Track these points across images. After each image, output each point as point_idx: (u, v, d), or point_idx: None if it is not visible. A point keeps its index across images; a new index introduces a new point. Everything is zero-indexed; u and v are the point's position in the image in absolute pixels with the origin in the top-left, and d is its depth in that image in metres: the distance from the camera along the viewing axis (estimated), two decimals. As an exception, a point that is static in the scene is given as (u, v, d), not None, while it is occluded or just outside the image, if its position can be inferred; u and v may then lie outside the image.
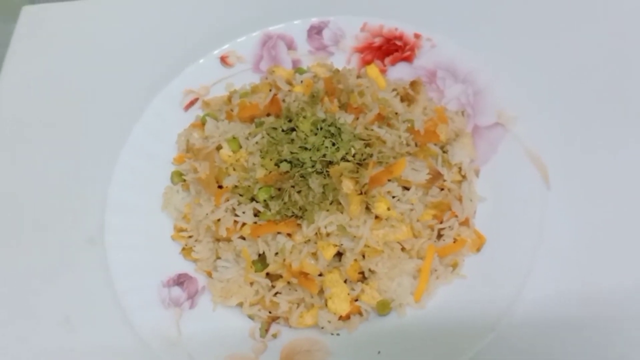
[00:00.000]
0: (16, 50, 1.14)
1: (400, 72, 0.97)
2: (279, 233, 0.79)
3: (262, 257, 0.80)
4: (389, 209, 0.78)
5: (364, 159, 0.80)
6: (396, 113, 0.87)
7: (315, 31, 1.01)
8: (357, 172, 0.79)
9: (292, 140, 0.83)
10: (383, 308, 0.78)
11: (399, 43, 0.98)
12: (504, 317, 0.74)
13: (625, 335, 0.74)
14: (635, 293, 0.76)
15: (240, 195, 0.82)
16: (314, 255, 0.79)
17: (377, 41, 0.99)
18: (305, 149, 0.81)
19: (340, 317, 0.78)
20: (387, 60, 0.99)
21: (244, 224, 0.81)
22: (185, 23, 1.12)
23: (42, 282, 0.88)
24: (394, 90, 0.91)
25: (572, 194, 0.83)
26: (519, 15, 1.02)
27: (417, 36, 0.97)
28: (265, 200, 0.80)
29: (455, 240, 0.81)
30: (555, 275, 0.78)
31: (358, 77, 0.96)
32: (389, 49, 0.99)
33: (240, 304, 0.81)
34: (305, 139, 0.82)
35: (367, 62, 0.99)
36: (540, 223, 0.79)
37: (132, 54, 1.10)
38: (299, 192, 0.79)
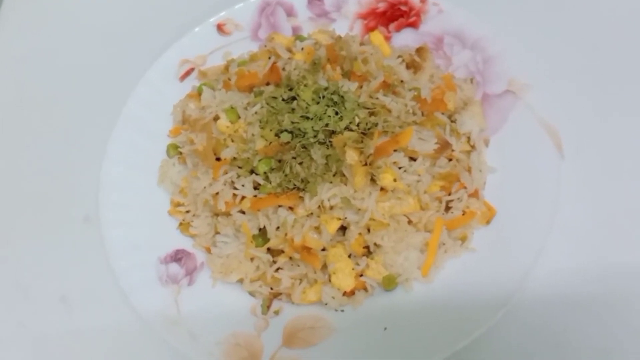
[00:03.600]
0: (5, 25, 1.12)
1: (406, 39, 0.94)
2: (280, 206, 0.77)
3: (262, 231, 0.78)
4: (395, 180, 0.75)
5: (369, 129, 0.77)
6: (402, 81, 0.84)
7: (316, -4, 0.97)
8: (362, 142, 0.76)
9: (293, 109, 0.80)
10: (389, 283, 0.76)
11: (404, 8, 0.94)
12: (516, 293, 0.72)
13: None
14: None
15: (239, 167, 0.79)
16: (317, 229, 0.77)
17: (381, 6, 0.96)
18: (307, 118, 0.78)
19: (345, 293, 0.77)
20: (392, 26, 0.95)
21: (243, 198, 0.78)
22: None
23: (39, 262, 0.87)
24: (399, 57, 0.88)
25: (587, 165, 0.81)
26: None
27: (423, 1, 0.93)
28: (265, 173, 0.77)
29: (464, 213, 0.78)
30: (569, 250, 0.76)
31: (361, 44, 0.92)
32: (394, 14, 0.95)
33: (241, 280, 0.80)
34: (306, 108, 0.79)
35: (370, 29, 0.95)
36: (554, 195, 0.77)
37: (125, 24, 1.07)
38: (300, 163, 0.76)
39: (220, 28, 0.97)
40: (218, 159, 0.81)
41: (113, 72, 1.01)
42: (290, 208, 0.77)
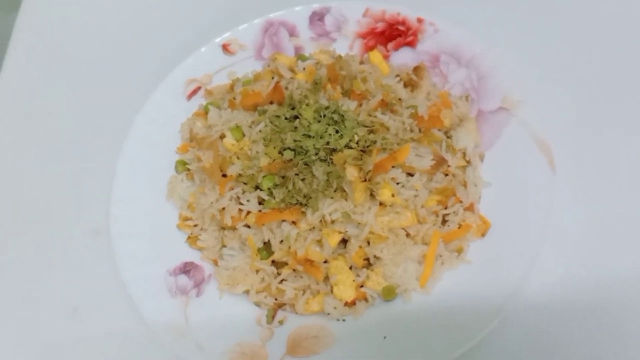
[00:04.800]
0: (18, 42, 1.14)
1: (404, 58, 0.97)
2: (283, 221, 0.79)
3: (267, 244, 0.80)
4: (393, 195, 0.78)
5: (368, 146, 0.80)
6: (399, 99, 0.87)
7: (317, 17, 1.01)
8: (361, 159, 0.79)
9: (296, 128, 0.83)
10: (388, 294, 0.79)
11: (401, 28, 0.97)
12: (510, 303, 0.74)
13: (633, 321, 0.74)
14: None
15: (245, 183, 0.82)
16: (319, 242, 0.79)
17: (380, 26, 0.99)
18: (309, 136, 0.81)
19: (346, 303, 0.79)
20: (390, 45, 0.98)
21: (248, 212, 0.81)
22: (186, 12, 1.12)
23: (51, 274, 0.89)
24: (397, 76, 0.91)
25: (579, 179, 0.83)
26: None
27: (419, 21, 0.96)
28: (269, 189, 0.80)
29: (460, 226, 0.81)
30: (561, 261, 0.78)
31: (361, 63, 0.95)
32: (392, 34, 0.98)
33: (247, 292, 0.82)
34: (308, 126, 0.82)
35: (370, 48, 0.98)
36: (546, 208, 0.79)
37: (134, 44, 1.10)
38: (303, 179, 0.79)
39: (225, 48, 1.00)
40: (224, 176, 0.83)
41: (124, 90, 1.03)
42: (294, 222, 0.79)
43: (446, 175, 0.83)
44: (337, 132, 0.81)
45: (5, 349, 0.84)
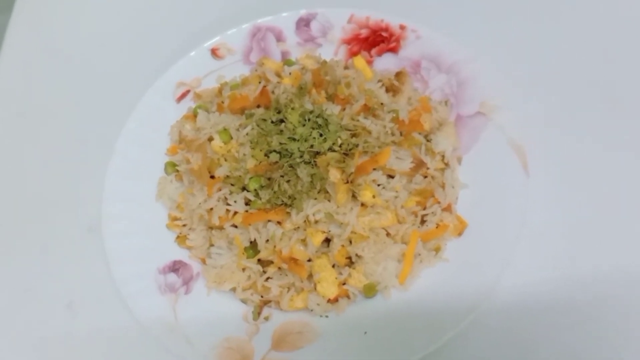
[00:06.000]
0: (11, 43, 1.16)
1: (386, 63, 1.00)
2: (269, 221, 0.82)
3: (253, 244, 0.83)
4: (374, 196, 0.81)
5: (350, 149, 0.83)
6: (381, 103, 0.90)
7: (304, 23, 1.03)
8: (344, 161, 0.82)
9: (281, 131, 0.85)
10: (369, 291, 0.81)
11: (384, 34, 1.00)
12: (485, 300, 0.77)
13: (604, 321, 0.76)
14: (613, 279, 0.78)
15: (232, 185, 0.84)
16: (303, 241, 0.82)
17: (364, 33, 1.02)
18: (294, 139, 0.84)
19: (329, 300, 0.81)
20: (374, 51, 1.01)
21: (235, 213, 0.83)
22: (177, 17, 1.14)
23: (44, 270, 0.90)
24: (379, 81, 0.94)
25: (552, 182, 0.85)
26: (502, 8, 1.04)
27: (402, 27, 0.99)
28: (255, 190, 0.83)
29: (437, 226, 0.83)
30: (535, 261, 0.80)
31: (345, 68, 0.98)
32: (375, 40, 1.01)
33: (234, 289, 0.84)
34: (293, 130, 0.85)
35: (354, 54, 1.01)
36: (520, 209, 0.82)
37: (127, 47, 1.12)
38: (288, 181, 0.82)
39: (214, 52, 1.03)
40: (212, 177, 0.86)
41: (116, 91, 1.05)
42: (279, 222, 0.82)
43: (425, 177, 0.86)
44: (321, 135, 0.84)
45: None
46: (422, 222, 0.85)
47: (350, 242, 0.82)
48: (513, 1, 1.05)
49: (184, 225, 0.89)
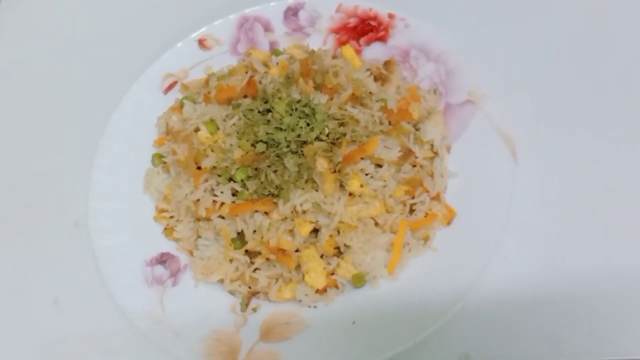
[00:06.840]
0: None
1: (375, 52, 0.99)
2: (256, 211, 0.81)
3: (240, 235, 0.83)
4: (362, 186, 0.81)
5: (337, 138, 0.82)
6: (370, 93, 0.89)
7: (292, 13, 1.03)
8: (331, 151, 0.81)
9: (268, 121, 0.85)
10: (358, 281, 0.81)
11: (373, 23, 1.00)
12: (472, 288, 0.77)
13: (590, 308, 0.76)
14: (600, 270, 0.78)
15: (219, 175, 0.84)
16: (291, 232, 0.81)
17: (352, 22, 1.01)
18: (281, 129, 0.83)
19: (317, 291, 0.81)
20: (362, 40, 1.00)
21: (222, 204, 0.83)
22: (163, 7, 1.12)
23: (31, 266, 0.89)
24: (367, 70, 0.93)
25: (539, 171, 0.85)
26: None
27: (391, 16, 0.99)
28: (242, 180, 0.82)
29: (426, 215, 0.84)
30: (522, 250, 0.80)
31: (334, 57, 0.97)
32: (364, 29, 1.00)
33: (221, 280, 0.84)
34: (280, 119, 0.84)
35: (342, 43, 1.00)
36: (507, 198, 0.82)
37: (113, 39, 1.11)
38: (275, 171, 0.82)
39: (201, 43, 1.02)
40: (199, 168, 0.85)
41: (102, 84, 1.03)
42: (266, 213, 0.81)
43: (414, 166, 0.86)
44: (308, 125, 0.83)
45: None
46: (411, 211, 0.84)
47: (339, 232, 0.81)
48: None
49: (171, 217, 0.89)
